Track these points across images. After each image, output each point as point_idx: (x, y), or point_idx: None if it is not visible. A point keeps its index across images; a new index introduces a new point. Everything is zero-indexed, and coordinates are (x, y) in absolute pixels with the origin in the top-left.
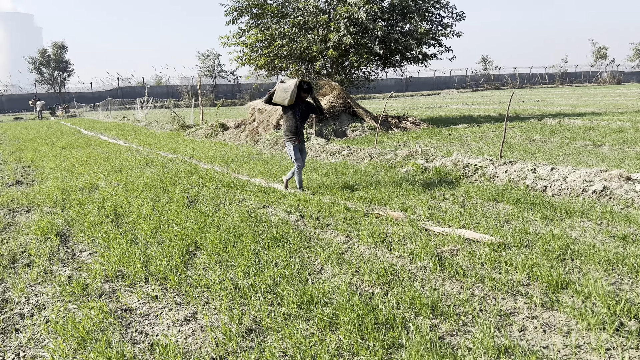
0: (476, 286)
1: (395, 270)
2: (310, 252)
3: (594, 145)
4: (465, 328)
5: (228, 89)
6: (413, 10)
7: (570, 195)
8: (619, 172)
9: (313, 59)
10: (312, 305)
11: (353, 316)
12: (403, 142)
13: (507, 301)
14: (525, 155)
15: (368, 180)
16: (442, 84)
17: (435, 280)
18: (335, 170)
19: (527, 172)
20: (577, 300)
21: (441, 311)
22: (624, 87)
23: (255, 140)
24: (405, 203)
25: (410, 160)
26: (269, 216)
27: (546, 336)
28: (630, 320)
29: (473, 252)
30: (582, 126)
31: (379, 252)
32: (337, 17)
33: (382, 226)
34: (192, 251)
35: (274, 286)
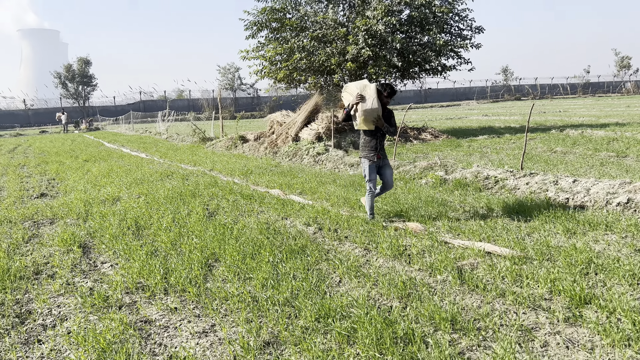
0: (497, 300)
1: (414, 283)
2: (329, 264)
3: (618, 156)
4: (485, 343)
5: (248, 101)
6: (431, 23)
7: (593, 208)
8: None
9: (331, 71)
10: (329, 318)
11: (371, 330)
12: (422, 154)
13: (529, 316)
14: (546, 166)
15: (387, 192)
16: (461, 95)
17: (455, 294)
18: (354, 182)
19: (549, 184)
20: (601, 315)
21: (461, 326)
22: None
23: (274, 152)
24: (424, 216)
25: (430, 172)
26: (287, 228)
27: (569, 352)
28: None
29: (493, 265)
30: (605, 137)
31: (397, 265)
32: (355, 30)
33: (401, 239)
34: (211, 263)
35: (291, 299)
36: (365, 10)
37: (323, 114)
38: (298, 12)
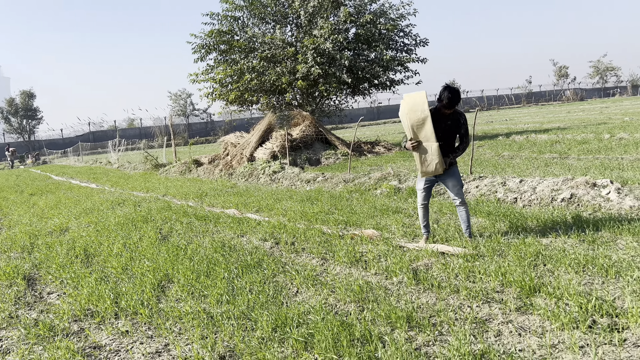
0: (451, 296)
1: (370, 287)
2: (286, 276)
3: (561, 157)
4: (441, 337)
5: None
6: (377, 39)
7: (540, 205)
8: (584, 180)
9: (283, 90)
10: (287, 327)
11: (328, 334)
12: (376, 166)
13: (482, 308)
14: (495, 170)
15: (343, 204)
16: None
17: (410, 293)
18: (311, 196)
19: (498, 185)
20: (550, 302)
21: (417, 323)
22: (586, 104)
23: (229, 174)
24: (380, 223)
25: (384, 182)
26: (243, 245)
27: (521, 339)
28: (602, 317)
29: (447, 264)
30: (549, 140)
31: (354, 272)
32: (304, 49)
33: (357, 246)
34: (164, 284)
35: (248, 312)
36: (313, 30)
37: (277, 133)
38: (246, 34)
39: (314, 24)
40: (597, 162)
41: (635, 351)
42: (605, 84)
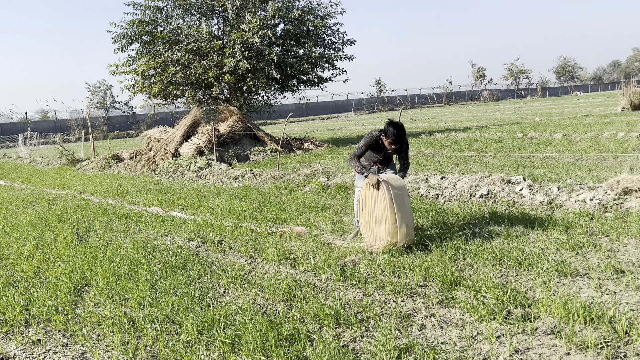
0: (377, 292)
1: (299, 285)
2: (212, 276)
3: (479, 154)
4: (368, 333)
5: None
6: (306, 36)
7: (460, 201)
8: (500, 177)
9: (209, 84)
10: (213, 329)
11: (256, 335)
12: (305, 163)
13: (407, 303)
14: (418, 167)
15: (272, 201)
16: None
17: (338, 290)
18: (239, 193)
19: (420, 182)
20: (470, 295)
21: (344, 319)
22: (502, 104)
23: (152, 170)
24: (309, 220)
25: (313, 179)
26: (167, 245)
27: (443, 331)
28: (516, 308)
29: (374, 260)
30: (468, 139)
31: (283, 270)
32: (231, 43)
33: (286, 244)
34: (81, 288)
35: (172, 315)
36: (240, 24)
37: (203, 128)
38: (170, 25)
39: (241, 18)
40: (512, 160)
41: (545, 339)
42: (518, 85)
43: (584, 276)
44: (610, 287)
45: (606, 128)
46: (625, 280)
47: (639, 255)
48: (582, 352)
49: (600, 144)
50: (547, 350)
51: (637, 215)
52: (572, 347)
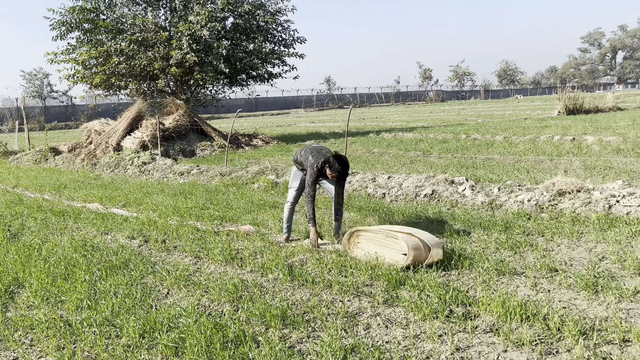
0: (324, 291)
1: (246, 285)
2: (155, 277)
3: (424, 154)
4: (314, 334)
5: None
6: (256, 31)
7: (406, 200)
8: (444, 177)
9: (155, 76)
10: (155, 332)
11: (200, 338)
12: (254, 160)
13: (353, 302)
14: (366, 166)
15: (219, 198)
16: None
17: (285, 290)
18: (184, 190)
19: (368, 181)
20: (414, 294)
21: (291, 320)
22: (447, 105)
23: (93, 164)
24: (257, 218)
25: (262, 177)
26: (107, 244)
27: (388, 331)
28: (457, 307)
29: (321, 259)
30: (414, 139)
31: (229, 270)
32: (179, 35)
33: (233, 243)
34: (13, 290)
35: (112, 317)
36: (188, 15)
37: (148, 121)
38: (113, 14)
39: (189, 9)
40: (455, 161)
41: (485, 337)
42: (462, 87)
43: (521, 275)
44: (544, 285)
45: (543, 131)
46: (558, 279)
47: (571, 254)
48: (518, 349)
49: (538, 146)
50: (486, 347)
51: (570, 216)
52: (509, 344)
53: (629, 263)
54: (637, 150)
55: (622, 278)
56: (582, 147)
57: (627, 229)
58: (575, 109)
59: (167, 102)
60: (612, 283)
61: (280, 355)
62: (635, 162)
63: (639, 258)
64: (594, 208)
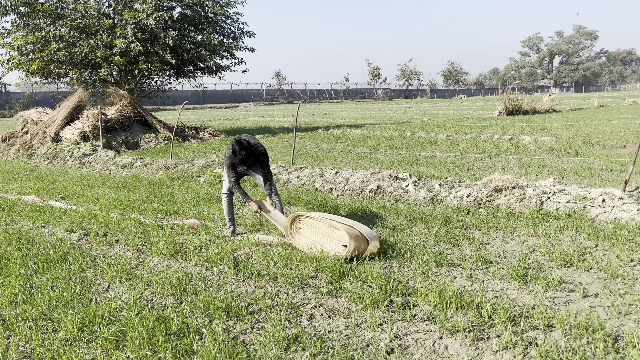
0: (269, 284)
1: (190, 278)
2: (96, 270)
3: (371, 151)
4: (258, 325)
5: None
6: (205, 22)
7: (352, 195)
8: (389, 173)
9: (97, 65)
10: (95, 326)
11: (142, 330)
12: (201, 153)
13: (298, 294)
14: (314, 161)
15: (163, 192)
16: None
17: (231, 283)
18: (127, 183)
19: (316, 176)
20: (357, 285)
21: (235, 312)
22: (394, 103)
23: (29, 154)
24: (203, 212)
25: (208, 170)
26: (44, 237)
27: (331, 321)
28: (397, 297)
29: (267, 252)
30: (362, 135)
31: (173, 263)
32: (123, 22)
33: (177, 237)
34: None
35: (49, 312)
36: (134, 3)
37: (89, 112)
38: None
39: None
40: (400, 157)
41: (422, 325)
42: (409, 86)
43: (458, 266)
44: (479, 276)
45: (484, 130)
46: (492, 270)
47: (505, 247)
48: (453, 335)
49: (478, 145)
50: (423, 335)
51: (505, 211)
52: (445, 331)
53: (556, 255)
54: (568, 150)
55: (550, 269)
56: (519, 146)
57: (556, 223)
58: (514, 110)
59: (109, 92)
60: (540, 274)
61: (223, 346)
62: (566, 161)
63: (565, 250)
64: (527, 204)
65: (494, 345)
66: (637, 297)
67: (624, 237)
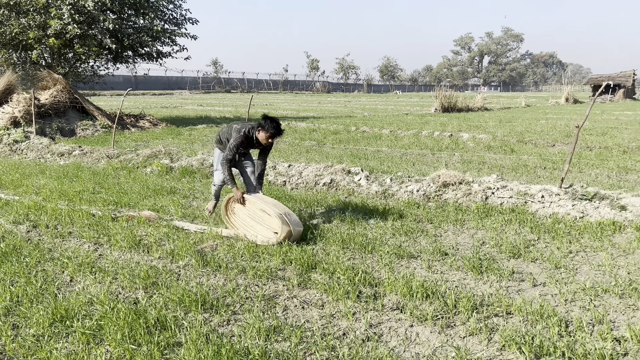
0: (239, 276)
1: (157, 272)
2: (55, 264)
3: (319, 144)
4: (235, 317)
5: None
6: (146, 7)
7: (306, 188)
8: (341, 167)
9: (29, 46)
10: (69, 320)
11: (121, 324)
12: (143, 142)
13: (269, 286)
14: None
15: (109, 182)
16: (174, 84)
17: (200, 276)
18: (68, 173)
19: (269, 169)
20: (326, 277)
21: (211, 304)
22: (333, 96)
23: None
24: (156, 204)
25: (155, 161)
26: None
27: (305, 312)
28: (366, 288)
29: (232, 245)
30: (307, 128)
31: (136, 256)
32: (59, 3)
33: (135, 229)
34: None
35: (15, 307)
36: None
37: (20, 96)
38: None
39: None
40: (348, 152)
41: (392, 314)
42: (347, 80)
43: (417, 258)
44: (438, 267)
45: (424, 127)
46: (449, 261)
47: (457, 239)
48: (423, 323)
49: (421, 141)
50: (395, 323)
51: (453, 205)
52: (415, 319)
53: (505, 247)
54: (504, 147)
55: (501, 260)
56: (458, 143)
57: (501, 217)
58: (449, 107)
59: (42, 76)
60: (493, 265)
61: (206, 337)
62: (504, 158)
63: (512, 243)
64: (474, 199)
65: (461, 331)
66: (579, 285)
67: (562, 230)
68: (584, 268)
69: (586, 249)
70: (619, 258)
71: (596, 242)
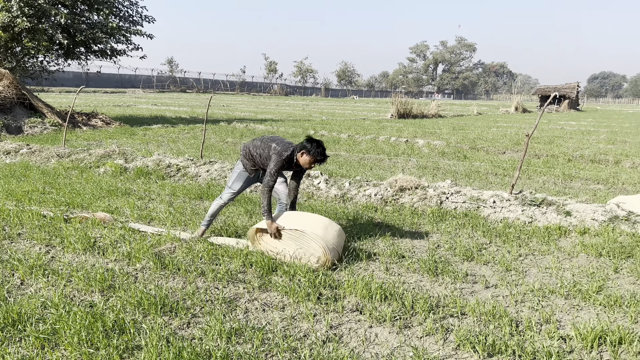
0: (199, 279)
1: (114, 274)
2: (4, 266)
3: None
4: (196, 320)
5: None
6: (101, 3)
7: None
8: None
9: None
10: (21, 324)
11: (78, 327)
12: (95, 141)
13: (230, 289)
14: (221, 156)
15: (61, 182)
16: (127, 82)
17: (158, 279)
18: (15, 172)
19: (227, 171)
20: (286, 279)
21: (170, 307)
22: (290, 99)
23: None
24: (110, 205)
25: (108, 160)
26: None
27: (266, 314)
28: (326, 290)
29: (191, 248)
30: (266, 130)
31: (91, 258)
32: None
33: (89, 231)
34: None
35: None
36: None
37: None
38: None
39: None
40: None
41: (352, 315)
42: (305, 83)
43: (375, 260)
44: (395, 269)
45: (381, 132)
46: (406, 264)
47: (413, 242)
48: (381, 324)
49: (378, 146)
50: (355, 324)
51: (409, 209)
52: (374, 321)
53: (459, 250)
54: (457, 154)
55: (455, 263)
56: (414, 149)
57: (455, 221)
58: (405, 114)
59: None
60: (448, 267)
61: (166, 341)
62: (457, 164)
63: (465, 246)
64: (429, 203)
65: (419, 332)
66: (528, 287)
67: (512, 234)
68: (533, 270)
69: (534, 253)
70: (564, 261)
71: (544, 246)
